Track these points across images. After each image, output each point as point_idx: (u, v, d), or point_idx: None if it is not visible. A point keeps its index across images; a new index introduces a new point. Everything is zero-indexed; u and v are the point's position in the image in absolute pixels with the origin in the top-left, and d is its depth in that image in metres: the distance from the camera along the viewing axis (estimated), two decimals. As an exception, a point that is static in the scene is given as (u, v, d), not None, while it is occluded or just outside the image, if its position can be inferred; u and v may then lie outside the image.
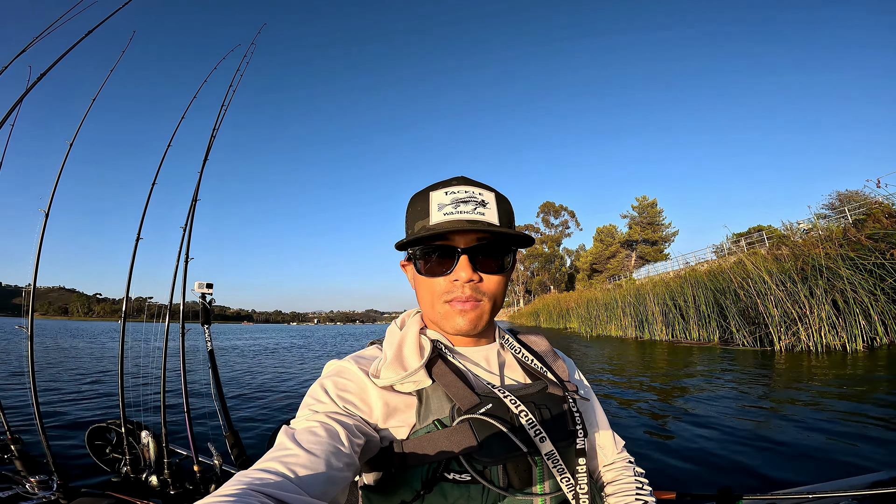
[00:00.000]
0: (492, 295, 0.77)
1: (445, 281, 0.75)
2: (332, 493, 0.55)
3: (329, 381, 0.72)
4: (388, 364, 0.72)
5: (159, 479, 2.43)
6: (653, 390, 6.37)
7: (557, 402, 0.76)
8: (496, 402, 0.70)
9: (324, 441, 0.59)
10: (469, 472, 0.66)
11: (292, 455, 0.55)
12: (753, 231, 26.69)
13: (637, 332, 17.64)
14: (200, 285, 2.61)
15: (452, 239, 0.75)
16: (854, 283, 8.79)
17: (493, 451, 0.66)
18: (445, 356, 0.78)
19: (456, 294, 0.75)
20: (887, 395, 4.88)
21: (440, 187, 0.77)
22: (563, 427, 0.74)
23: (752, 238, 23.78)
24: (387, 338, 0.81)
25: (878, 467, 2.84)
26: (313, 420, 0.63)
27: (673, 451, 3.52)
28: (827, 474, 2.81)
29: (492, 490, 0.67)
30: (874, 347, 8.49)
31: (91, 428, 2.74)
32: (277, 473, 0.52)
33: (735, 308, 11.68)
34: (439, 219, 0.74)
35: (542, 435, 0.69)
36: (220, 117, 2.99)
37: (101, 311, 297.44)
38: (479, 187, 0.77)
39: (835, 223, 12.57)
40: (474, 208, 0.74)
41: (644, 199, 45.95)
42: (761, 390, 5.78)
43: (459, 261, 0.74)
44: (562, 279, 59.40)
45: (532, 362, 0.83)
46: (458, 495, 0.67)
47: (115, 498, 1.81)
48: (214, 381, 2.56)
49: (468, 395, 0.70)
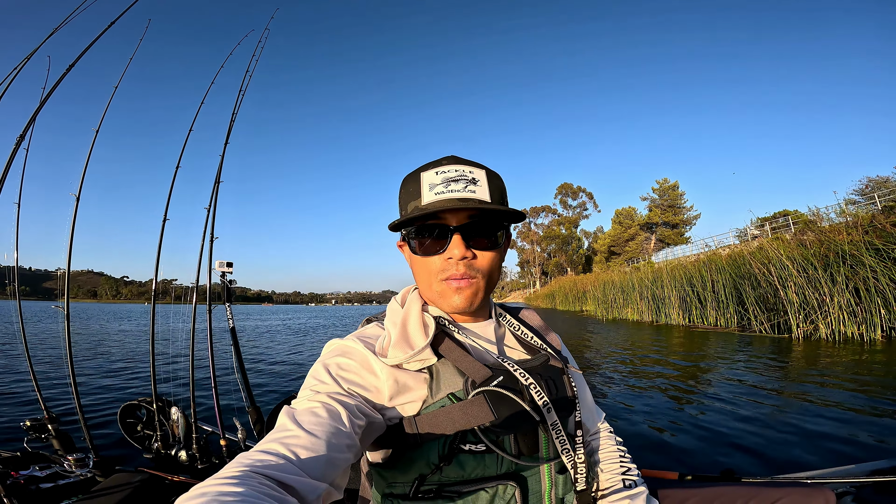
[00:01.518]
0: (486, 272, 0.78)
1: (440, 259, 0.77)
2: (333, 475, 0.56)
3: (331, 360, 0.72)
4: (394, 343, 0.73)
5: (188, 454, 2.55)
6: (663, 373, 6.38)
7: (558, 374, 0.80)
8: (507, 375, 0.72)
9: (325, 422, 0.59)
10: (484, 443, 0.69)
11: (293, 436, 0.55)
12: (779, 216, 25.87)
13: (654, 316, 17.45)
14: (221, 264, 2.67)
15: (445, 218, 0.76)
16: (877, 270, 8.57)
17: (507, 422, 0.69)
18: (451, 333, 0.80)
19: (451, 272, 0.76)
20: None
21: (431, 167, 0.78)
22: (565, 398, 0.78)
23: (778, 223, 23.06)
24: (388, 315, 0.82)
25: (879, 455, 2.82)
26: (315, 400, 0.63)
27: (678, 431, 3.57)
28: (829, 461, 2.81)
29: (505, 458, 0.71)
30: (892, 337, 8.36)
31: (123, 406, 2.87)
32: (278, 455, 0.52)
33: (754, 294, 11.48)
34: (431, 198, 0.75)
35: (549, 405, 0.72)
36: (238, 102, 3.01)
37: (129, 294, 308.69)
38: (469, 165, 0.78)
39: (863, 209, 12.11)
40: (465, 186, 0.75)
41: (665, 182, 44.82)
42: (775, 376, 5.76)
43: (452, 239, 0.75)
44: (579, 261, 58.88)
45: (531, 338, 0.86)
46: (474, 465, 0.70)
47: (148, 474, 1.91)
48: (236, 358, 2.64)
49: (480, 368, 0.72)
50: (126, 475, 1.82)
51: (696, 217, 44.25)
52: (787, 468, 2.64)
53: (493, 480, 0.70)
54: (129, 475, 1.83)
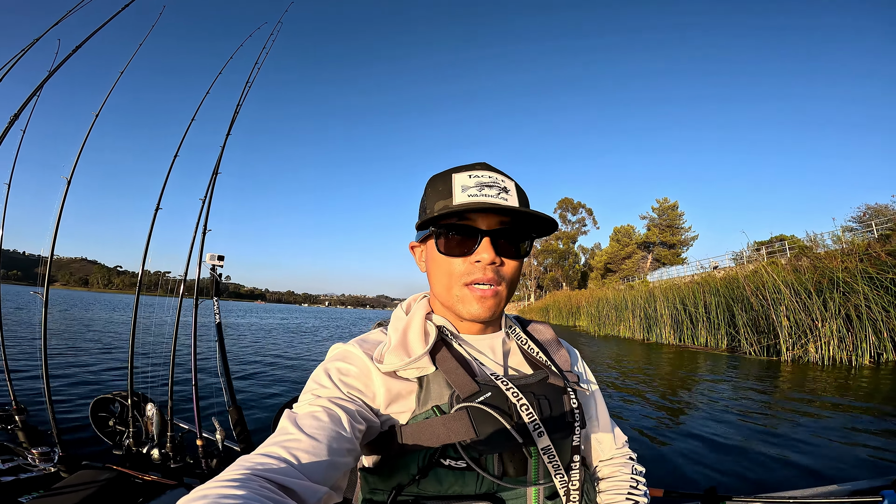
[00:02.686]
0: (510, 280, 0.76)
1: (465, 262, 0.74)
2: (333, 478, 0.56)
3: (332, 365, 0.72)
4: (392, 349, 0.71)
5: (161, 452, 2.47)
6: (652, 390, 6.49)
7: (558, 393, 0.75)
8: (495, 392, 0.70)
9: (326, 426, 0.59)
10: (465, 460, 0.66)
11: (295, 440, 0.55)
12: (775, 240, 25.99)
13: (645, 334, 17.52)
14: (212, 257, 2.63)
15: (475, 220, 0.74)
16: (869, 298, 8.72)
17: (489, 440, 0.66)
18: (450, 343, 0.77)
19: (476, 276, 0.74)
20: (884, 410, 4.94)
21: (463, 170, 0.77)
22: (562, 420, 0.73)
23: (774, 247, 23.19)
24: (392, 322, 0.81)
25: (859, 476, 2.84)
26: (316, 405, 0.63)
27: (665, 448, 3.63)
28: (810, 481, 2.84)
29: (486, 478, 0.67)
30: (880, 363, 8.49)
31: (96, 399, 2.78)
32: (280, 458, 0.52)
33: (746, 316, 11.59)
34: (463, 199, 0.73)
35: (540, 428, 0.69)
36: (244, 93, 2.99)
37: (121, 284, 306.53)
38: (501, 174, 0.77)
39: (860, 237, 12.21)
40: (498, 193, 0.73)
41: (665, 201, 45.08)
42: (761, 398, 5.85)
43: (482, 242, 0.73)
44: (575, 276, 58.91)
45: (536, 353, 0.82)
46: (452, 481, 0.67)
47: (116, 471, 1.83)
48: (220, 356, 2.58)
49: (468, 382, 0.70)
50: (92, 472, 1.75)
51: (694, 238, 44.45)
52: (770, 487, 2.66)
53: (470, 500, 0.68)
54: (96, 472, 1.75)
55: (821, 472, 3.02)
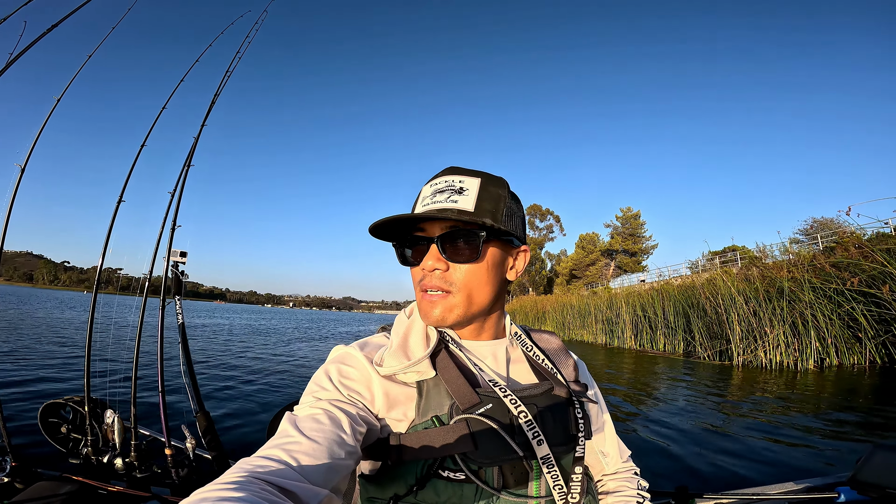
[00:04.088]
0: (462, 285, 0.73)
1: (419, 271, 0.76)
2: (333, 481, 0.56)
3: (333, 367, 0.72)
4: (392, 352, 0.71)
5: (124, 461, 2.31)
6: (616, 393, 6.68)
7: (562, 404, 0.74)
8: (496, 402, 0.68)
9: (326, 429, 0.59)
10: (464, 472, 0.65)
11: (294, 442, 0.55)
12: (728, 250, 27.47)
13: (607, 339, 18.06)
14: (174, 253, 2.50)
15: (427, 229, 0.75)
16: (814, 306, 9.31)
17: (488, 452, 0.65)
18: (451, 348, 0.77)
19: (425, 282, 0.75)
20: (829, 410, 5.32)
21: (431, 180, 0.78)
22: (565, 432, 0.72)
23: (727, 257, 24.50)
24: (395, 326, 0.81)
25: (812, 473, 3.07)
26: (316, 407, 0.63)
27: (632, 449, 3.67)
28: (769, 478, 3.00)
29: (485, 490, 0.66)
30: (824, 368, 9.05)
31: (45, 404, 2.56)
32: (279, 461, 0.52)
33: (701, 322, 12.14)
34: (418, 210, 0.75)
35: (540, 438, 0.67)
36: (223, 82, 2.85)
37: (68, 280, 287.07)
38: (464, 175, 0.76)
39: (806, 249, 13.09)
40: (448, 196, 0.73)
41: (629, 211, 46.74)
42: (717, 399, 6.17)
43: (430, 249, 0.73)
44: (541, 282, 60.01)
45: (542, 361, 0.81)
46: (450, 493, 0.65)
47: (78, 483, 1.69)
48: (185, 358, 2.43)
49: (468, 392, 0.69)
50: (52, 484, 1.61)
51: (654, 247, 46.31)
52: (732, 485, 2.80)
53: None
54: (56, 484, 1.62)
55: (778, 471, 3.20)
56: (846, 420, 4.83)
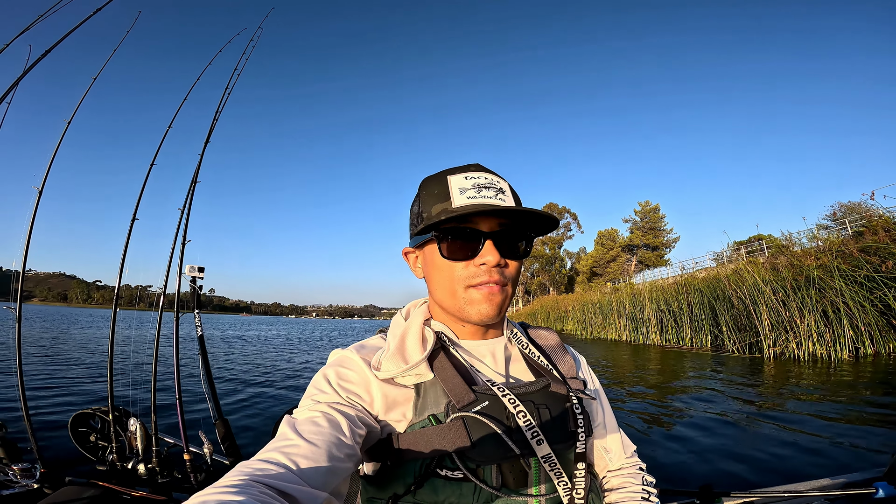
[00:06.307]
0: (514, 280, 0.76)
1: (468, 266, 0.74)
2: (333, 484, 0.56)
3: (332, 370, 0.72)
4: (389, 356, 0.71)
5: (147, 467, 2.39)
6: (642, 390, 6.53)
7: (559, 401, 0.73)
8: (493, 400, 0.68)
9: (326, 431, 0.59)
10: (462, 471, 0.65)
11: (294, 445, 0.55)
12: (753, 240, 26.64)
13: (632, 336, 17.69)
14: (192, 269, 2.57)
15: (476, 223, 0.73)
16: (844, 294, 8.93)
17: (485, 450, 0.65)
18: (448, 349, 0.76)
19: (482, 279, 0.73)
20: (868, 402, 5.07)
21: (458, 172, 0.76)
22: (563, 428, 0.71)
23: (753, 247, 23.76)
24: (391, 328, 0.81)
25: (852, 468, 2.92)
26: (315, 410, 0.63)
27: (657, 447, 3.62)
28: (803, 474, 2.89)
29: (484, 489, 0.66)
30: (859, 357, 8.67)
31: (75, 414, 2.68)
32: (279, 464, 0.52)
33: (728, 315, 11.78)
34: (462, 202, 0.72)
35: (539, 436, 0.67)
36: (223, 100, 2.95)
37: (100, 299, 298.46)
38: (495, 175, 0.77)
39: (834, 234, 12.59)
40: (496, 194, 0.73)
41: (647, 204, 45.86)
42: (748, 394, 5.93)
43: (486, 245, 0.73)
44: (561, 281, 59.37)
45: (538, 358, 0.81)
46: (449, 492, 0.66)
47: (101, 487, 1.77)
48: (204, 368, 2.52)
49: (464, 391, 0.68)
50: (77, 488, 1.68)
51: (676, 240, 45.28)
52: (763, 483, 2.70)
53: None
54: (81, 488, 1.69)
55: (812, 466, 3.05)
56: (883, 412, 4.59)
